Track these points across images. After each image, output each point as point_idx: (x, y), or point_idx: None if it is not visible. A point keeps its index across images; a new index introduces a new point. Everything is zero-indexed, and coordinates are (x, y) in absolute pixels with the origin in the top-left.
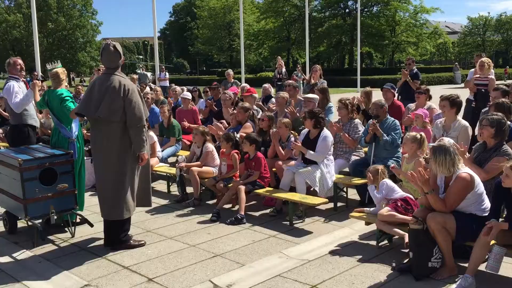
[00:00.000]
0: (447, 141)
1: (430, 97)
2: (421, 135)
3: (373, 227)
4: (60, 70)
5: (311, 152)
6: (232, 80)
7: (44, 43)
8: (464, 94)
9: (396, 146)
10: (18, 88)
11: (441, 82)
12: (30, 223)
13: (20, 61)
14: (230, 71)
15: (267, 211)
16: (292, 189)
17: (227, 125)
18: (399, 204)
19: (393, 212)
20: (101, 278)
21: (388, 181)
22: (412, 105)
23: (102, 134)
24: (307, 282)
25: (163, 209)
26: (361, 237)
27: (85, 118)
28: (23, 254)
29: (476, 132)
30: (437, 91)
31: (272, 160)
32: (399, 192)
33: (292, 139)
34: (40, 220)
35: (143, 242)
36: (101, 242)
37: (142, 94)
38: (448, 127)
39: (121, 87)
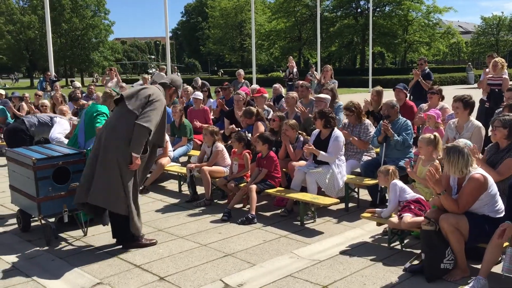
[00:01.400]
0: (464, 142)
1: (442, 98)
2: (435, 135)
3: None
4: (114, 93)
5: (323, 153)
6: (243, 80)
7: (58, 43)
8: (477, 94)
9: (408, 146)
10: (67, 128)
11: (454, 82)
12: (43, 222)
13: None
14: (241, 71)
15: (278, 211)
16: (303, 189)
17: (235, 127)
18: (412, 207)
19: (415, 217)
20: (113, 277)
21: (399, 182)
22: (424, 106)
23: (112, 128)
24: (318, 283)
25: (175, 209)
26: (372, 237)
27: None
28: (36, 252)
29: (490, 133)
30: (450, 91)
31: (283, 161)
32: (410, 193)
33: (301, 139)
34: (53, 219)
35: (154, 241)
36: (113, 240)
37: None
38: (461, 127)
39: (154, 93)
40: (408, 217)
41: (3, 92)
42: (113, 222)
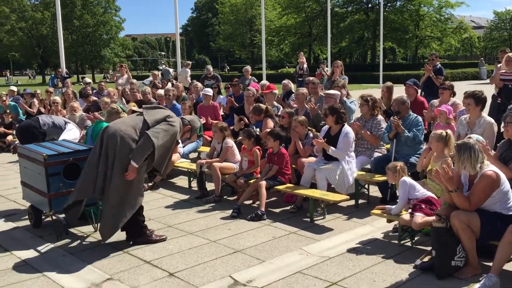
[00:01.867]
0: (476, 138)
1: (454, 93)
2: (446, 132)
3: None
4: (120, 109)
5: (334, 148)
6: (250, 76)
7: (69, 39)
8: (489, 90)
9: (419, 142)
10: (76, 137)
11: (466, 77)
12: (54, 217)
13: None
14: (248, 68)
15: (288, 207)
16: (313, 186)
17: (247, 121)
18: (423, 206)
19: (426, 217)
20: (123, 272)
21: (408, 179)
22: (435, 101)
23: (119, 126)
24: (327, 279)
25: (184, 205)
26: (382, 234)
27: None
28: (47, 248)
29: (502, 129)
30: (462, 87)
31: (292, 157)
32: (419, 190)
33: (311, 135)
34: (64, 215)
35: (164, 237)
36: (123, 236)
37: (164, 90)
38: (472, 124)
39: (174, 117)
40: (419, 217)
41: (15, 89)
42: None
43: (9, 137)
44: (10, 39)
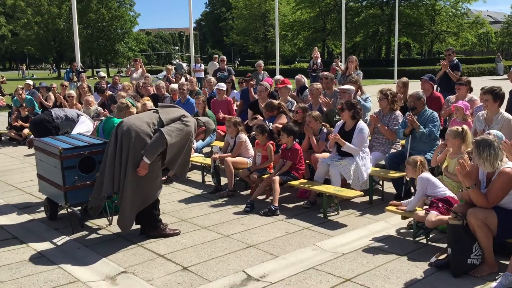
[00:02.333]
0: (495, 134)
1: (471, 89)
2: (462, 128)
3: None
4: (130, 104)
5: (349, 144)
6: (262, 71)
7: (84, 34)
8: (507, 85)
9: (434, 138)
10: (89, 130)
11: (483, 73)
12: (70, 210)
13: None
14: (261, 62)
15: (301, 203)
16: (327, 181)
17: (260, 117)
18: (440, 205)
19: (440, 216)
20: (138, 265)
21: (427, 175)
22: (452, 97)
23: (134, 121)
24: (341, 276)
25: (198, 199)
26: (397, 231)
27: None
28: (62, 240)
29: None
30: (479, 83)
31: (306, 152)
32: (440, 188)
33: (325, 130)
34: (80, 207)
35: (178, 231)
36: (138, 229)
37: (179, 84)
38: (490, 120)
39: (188, 117)
40: (432, 216)
41: (31, 82)
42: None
43: (26, 131)
44: (26, 33)
